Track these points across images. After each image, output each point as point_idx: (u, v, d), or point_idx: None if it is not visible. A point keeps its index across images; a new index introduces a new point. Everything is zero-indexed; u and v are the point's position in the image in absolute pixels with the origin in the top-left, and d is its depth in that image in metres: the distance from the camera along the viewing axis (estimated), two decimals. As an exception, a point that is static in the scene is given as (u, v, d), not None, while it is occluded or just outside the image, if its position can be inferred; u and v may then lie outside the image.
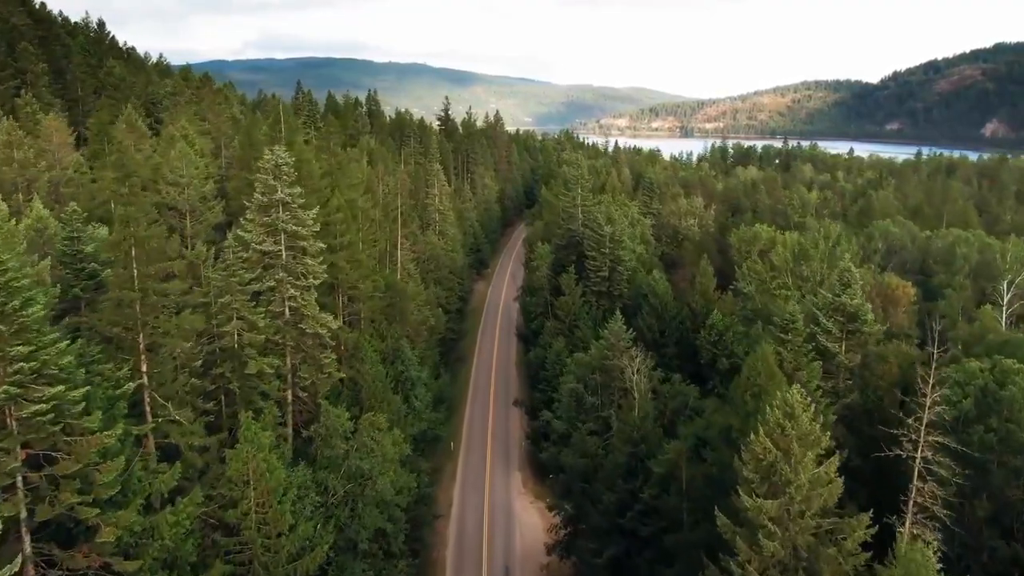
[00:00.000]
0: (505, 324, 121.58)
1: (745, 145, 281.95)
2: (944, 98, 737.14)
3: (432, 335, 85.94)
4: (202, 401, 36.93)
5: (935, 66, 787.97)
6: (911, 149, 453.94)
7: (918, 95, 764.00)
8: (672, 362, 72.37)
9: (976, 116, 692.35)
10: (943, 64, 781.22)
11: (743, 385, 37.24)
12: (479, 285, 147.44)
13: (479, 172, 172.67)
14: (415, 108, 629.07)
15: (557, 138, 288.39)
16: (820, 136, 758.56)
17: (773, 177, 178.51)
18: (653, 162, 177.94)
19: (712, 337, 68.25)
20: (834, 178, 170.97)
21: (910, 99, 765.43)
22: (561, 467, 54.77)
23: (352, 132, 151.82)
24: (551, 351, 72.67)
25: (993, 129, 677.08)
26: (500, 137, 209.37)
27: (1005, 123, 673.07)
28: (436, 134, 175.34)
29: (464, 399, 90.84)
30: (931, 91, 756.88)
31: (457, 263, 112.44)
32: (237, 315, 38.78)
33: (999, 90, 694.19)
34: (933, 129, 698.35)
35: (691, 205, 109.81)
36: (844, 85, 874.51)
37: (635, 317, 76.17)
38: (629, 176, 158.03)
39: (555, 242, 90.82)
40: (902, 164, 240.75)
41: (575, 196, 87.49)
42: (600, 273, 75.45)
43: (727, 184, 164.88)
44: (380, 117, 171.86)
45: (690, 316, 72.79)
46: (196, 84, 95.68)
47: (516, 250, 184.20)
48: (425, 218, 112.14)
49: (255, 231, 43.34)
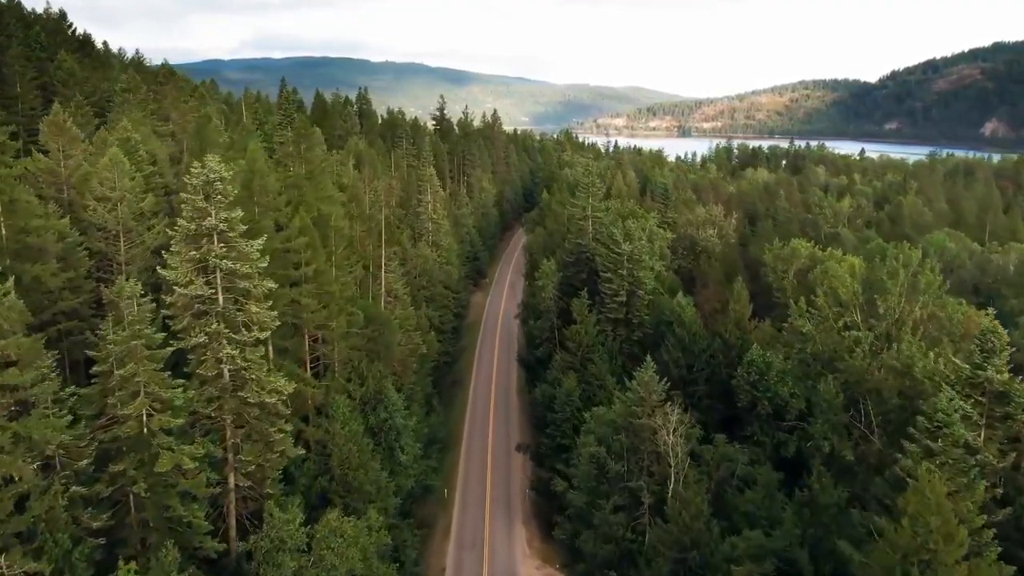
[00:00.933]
0: (505, 342, 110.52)
1: (750, 146, 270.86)
2: (943, 97, 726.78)
3: (423, 364, 75.05)
4: (90, 514, 26.04)
5: (933, 65, 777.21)
6: (911, 149, 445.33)
7: (917, 94, 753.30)
8: (702, 402, 61.56)
9: (975, 116, 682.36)
10: (942, 63, 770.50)
11: (906, 540, 25.38)
12: (476, 297, 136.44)
13: (476, 175, 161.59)
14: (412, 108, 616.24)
15: (557, 138, 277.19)
16: (819, 136, 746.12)
17: (788, 181, 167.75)
18: (660, 165, 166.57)
19: (751, 376, 57.41)
20: (851, 181, 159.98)
21: (909, 98, 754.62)
22: (579, 552, 43.82)
23: (341, 133, 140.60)
24: (561, 391, 61.73)
25: (993, 128, 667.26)
26: (498, 137, 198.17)
27: (1005, 122, 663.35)
28: (431, 134, 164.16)
29: (460, 436, 79.85)
30: (930, 90, 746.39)
31: (452, 277, 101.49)
32: (144, 390, 27.77)
33: (998, 89, 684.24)
34: (932, 128, 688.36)
35: (709, 213, 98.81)
36: (842, 84, 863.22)
37: (657, 349, 65.26)
38: (635, 180, 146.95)
39: (562, 257, 79.78)
40: (916, 165, 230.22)
41: (585, 206, 76.43)
42: (617, 298, 64.37)
43: (739, 188, 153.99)
44: (371, 117, 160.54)
45: (722, 349, 61.99)
46: (158, 79, 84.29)
47: (516, 256, 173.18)
48: (417, 227, 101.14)
49: (180, 268, 32.32)
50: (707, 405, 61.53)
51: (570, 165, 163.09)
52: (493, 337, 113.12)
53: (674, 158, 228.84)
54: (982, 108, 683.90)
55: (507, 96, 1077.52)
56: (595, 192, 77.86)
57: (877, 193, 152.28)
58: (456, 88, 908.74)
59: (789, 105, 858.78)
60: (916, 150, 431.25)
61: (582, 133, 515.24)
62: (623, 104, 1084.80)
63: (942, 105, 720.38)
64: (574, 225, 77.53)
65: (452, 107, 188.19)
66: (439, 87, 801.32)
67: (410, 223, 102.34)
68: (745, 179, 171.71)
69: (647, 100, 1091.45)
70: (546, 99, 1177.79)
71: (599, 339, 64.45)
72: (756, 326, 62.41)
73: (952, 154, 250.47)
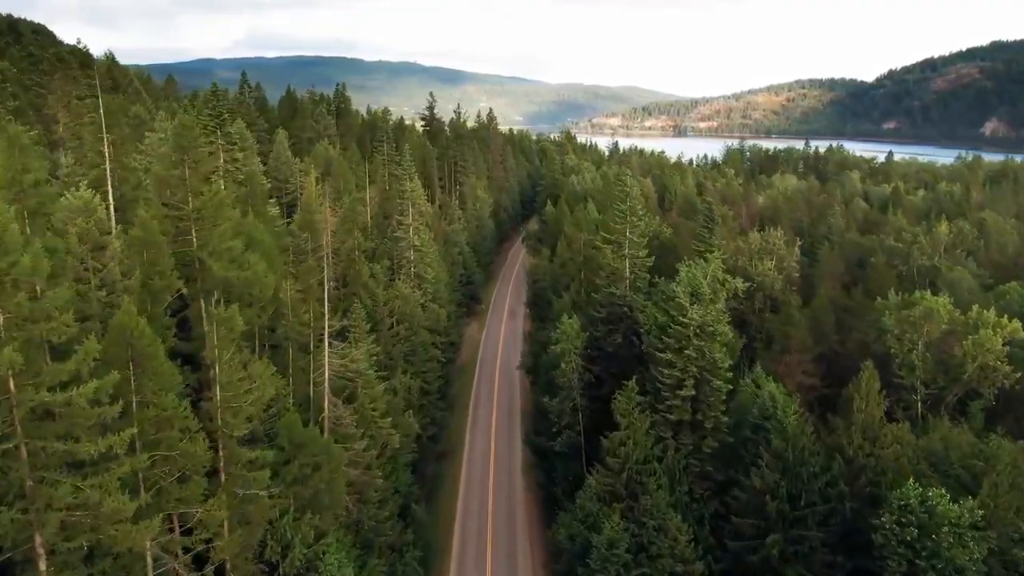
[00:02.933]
0: (506, 395, 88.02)
1: (762, 147, 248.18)
2: (942, 97, 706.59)
3: (398, 465, 52.72)
4: None
5: (932, 64, 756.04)
6: (911, 149, 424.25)
7: (915, 94, 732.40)
8: (815, 555, 39.60)
9: (975, 115, 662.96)
10: (940, 63, 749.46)
11: None
12: (471, 326, 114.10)
13: (470, 182, 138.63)
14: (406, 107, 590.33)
15: (558, 140, 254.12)
16: (817, 135, 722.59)
17: (824, 189, 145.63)
18: (681, 171, 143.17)
19: (905, 529, 35.53)
20: (898, 191, 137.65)
21: (907, 98, 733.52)
22: None
23: (312, 135, 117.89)
24: (599, 538, 39.46)
25: (993, 128, 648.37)
26: (494, 139, 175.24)
27: (1005, 122, 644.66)
28: (419, 136, 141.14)
29: (449, 541, 57.23)
30: (928, 90, 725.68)
31: (440, 317, 79.06)
32: None
33: (998, 89, 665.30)
34: (931, 128, 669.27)
35: (766, 240, 76.45)
36: (839, 84, 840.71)
37: (735, 464, 43.22)
38: (652, 189, 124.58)
39: (589, 312, 57.20)
40: (951, 170, 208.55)
41: (622, 243, 53.95)
42: (681, 391, 42.01)
43: (770, 198, 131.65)
44: (351, 117, 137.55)
45: (846, 475, 40.05)
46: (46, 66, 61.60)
47: (515, 273, 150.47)
48: (396, 257, 78.64)
49: None
50: (827, 561, 39.46)
51: (576, 172, 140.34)
52: (491, 388, 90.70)
53: (684, 160, 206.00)
54: (981, 108, 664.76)
55: (501, 95, 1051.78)
56: (634, 221, 55.24)
57: (927, 204, 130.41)
58: (450, 88, 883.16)
59: (786, 104, 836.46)
60: (917, 150, 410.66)
61: (577, 132, 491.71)
62: (617, 104, 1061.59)
63: (941, 105, 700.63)
64: (607, 268, 54.88)
65: (445, 106, 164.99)
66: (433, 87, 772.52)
67: (388, 251, 79.80)
68: (773, 187, 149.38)
69: (641, 100, 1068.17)
70: (540, 98, 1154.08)
71: (654, 452, 42.16)
72: (894, 435, 40.30)
73: (978, 155, 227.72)
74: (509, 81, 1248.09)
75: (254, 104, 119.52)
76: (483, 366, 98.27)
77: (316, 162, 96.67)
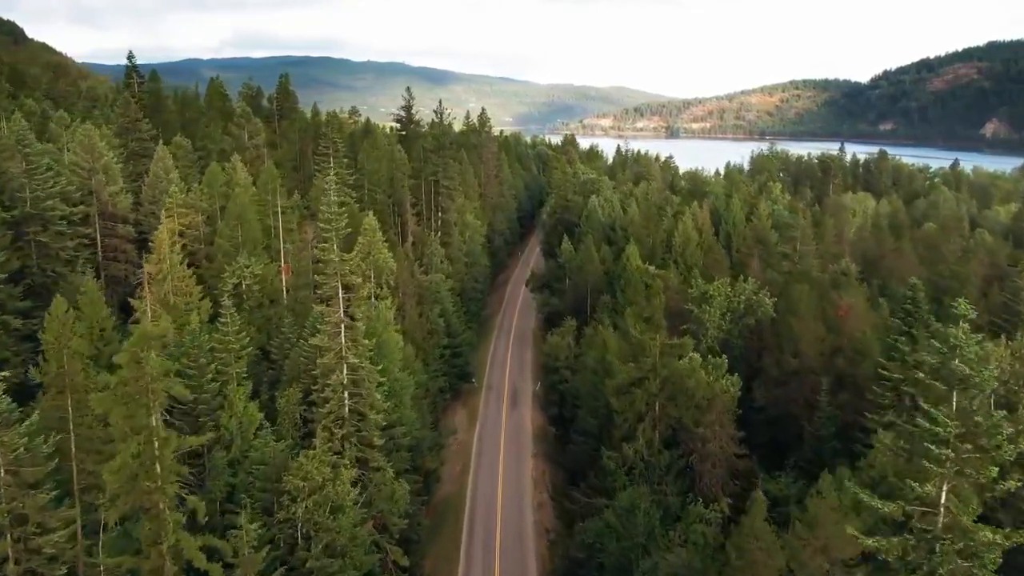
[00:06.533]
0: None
1: (790, 151, 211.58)
2: (939, 97, 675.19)
3: None
4: None
5: (928, 65, 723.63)
6: (911, 150, 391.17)
7: (912, 94, 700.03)
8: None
9: (974, 116, 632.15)
10: (936, 63, 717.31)
11: None
12: (458, 417, 77.36)
13: (456, 206, 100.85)
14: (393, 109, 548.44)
15: (556, 144, 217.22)
16: (812, 136, 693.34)
17: (900, 209, 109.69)
18: (736, 188, 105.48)
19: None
20: (1013, 215, 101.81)
21: (904, 98, 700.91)
22: None
23: (225, 147, 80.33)
24: None
25: (993, 129, 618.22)
26: (487, 146, 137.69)
27: (1005, 122, 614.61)
28: (387, 143, 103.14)
29: None
30: (925, 90, 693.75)
31: (393, 495, 42.08)
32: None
33: (997, 89, 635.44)
34: (930, 129, 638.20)
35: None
36: (833, 84, 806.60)
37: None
38: (709, 221, 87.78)
39: None
40: (1014, 178, 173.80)
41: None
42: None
43: (860, 231, 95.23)
44: (296, 119, 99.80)
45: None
46: None
47: (515, 320, 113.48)
48: (318, 390, 41.86)
49: None
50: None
51: (599, 191, 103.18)
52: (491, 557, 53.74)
53: (715, 172, 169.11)
54: (981, 108, 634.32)
55: (490, 96, 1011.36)
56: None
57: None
58: (438, 88, 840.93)
59: (780, 105, 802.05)
60: (916, 151, 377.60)
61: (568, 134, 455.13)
62: (607, 104, 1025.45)
63: (938, 105, 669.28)
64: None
65: (432, 105, 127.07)
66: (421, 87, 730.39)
67: (301, 380, 42.86)
68: (845, 208, 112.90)
69: (631, 100, 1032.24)
70: (530, 99, 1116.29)
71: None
72: None
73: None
74: (498, 81, 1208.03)
75: (148, 99, 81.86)
76: (476, 509, 61.28)
77: (209, 192, 59.16)
